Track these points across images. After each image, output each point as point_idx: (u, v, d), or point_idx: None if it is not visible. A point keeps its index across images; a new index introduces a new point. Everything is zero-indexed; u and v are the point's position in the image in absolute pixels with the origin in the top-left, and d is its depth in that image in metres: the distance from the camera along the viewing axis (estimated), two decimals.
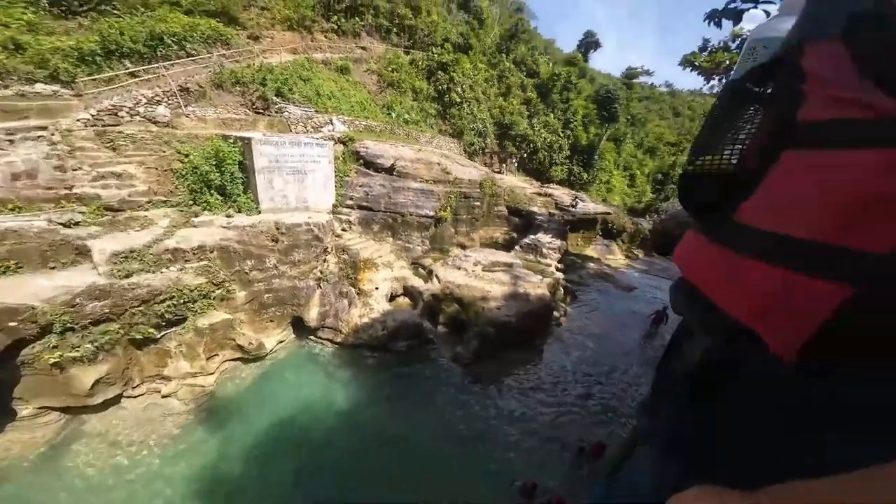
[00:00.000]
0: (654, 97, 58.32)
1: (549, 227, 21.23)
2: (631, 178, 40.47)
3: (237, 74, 14.56)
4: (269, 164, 11.53)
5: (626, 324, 16.30)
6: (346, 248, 12.92)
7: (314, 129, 15.35)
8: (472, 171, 19.63)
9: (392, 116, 20.70)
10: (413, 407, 10.30)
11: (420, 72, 24.00)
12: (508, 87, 29.28)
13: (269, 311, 11.08)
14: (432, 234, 17.17)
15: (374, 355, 11.81)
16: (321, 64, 19.28)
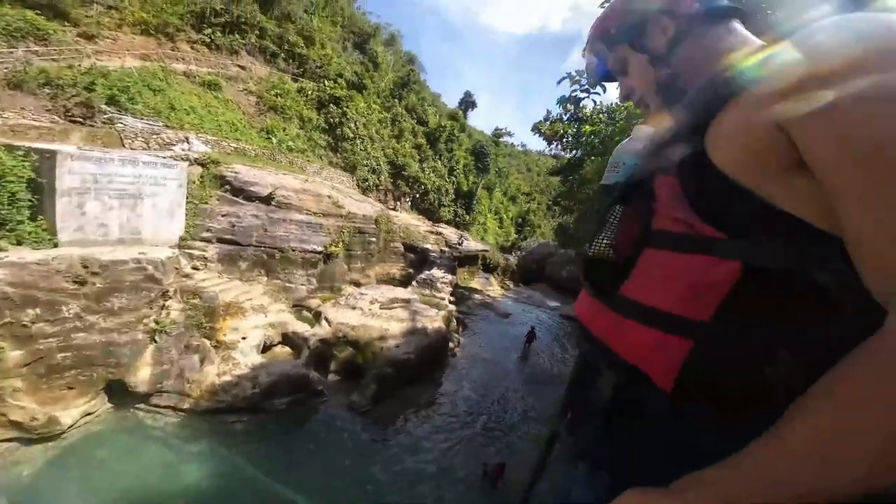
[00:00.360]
0: (513, 154, 70.83)
1: (441, 263, 22.16)
2: (500, 220, 46.80)
3: (49, 74, 11.23)
4: (83, 184, 8.70)
5: (506, 346, 17.72)
6: (199, 291, 10.40)
7: (161, 146, 12.58)
8: (366, 207, 19.27)
9: (273, 142, 18.90)
10: (302, 473, 8.48)
11: (310, 101, 23.00)
12: (401, 130, 30.62)
13: (65, 375, 7.85)
14: (321, 272, 15.64)
15: (241, 419, 9.48)
16: (182, 76, 16.54)
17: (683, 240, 0.55)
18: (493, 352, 16.70)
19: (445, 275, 21.10)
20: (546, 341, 19.36)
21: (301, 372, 10.84)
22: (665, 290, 0.56)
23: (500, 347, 17.38)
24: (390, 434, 10.28)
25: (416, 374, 12.37)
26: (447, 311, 16.92)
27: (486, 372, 14.68)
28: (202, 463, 8.23)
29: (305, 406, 10.45)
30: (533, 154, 78.06)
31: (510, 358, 16.48)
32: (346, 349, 12.27)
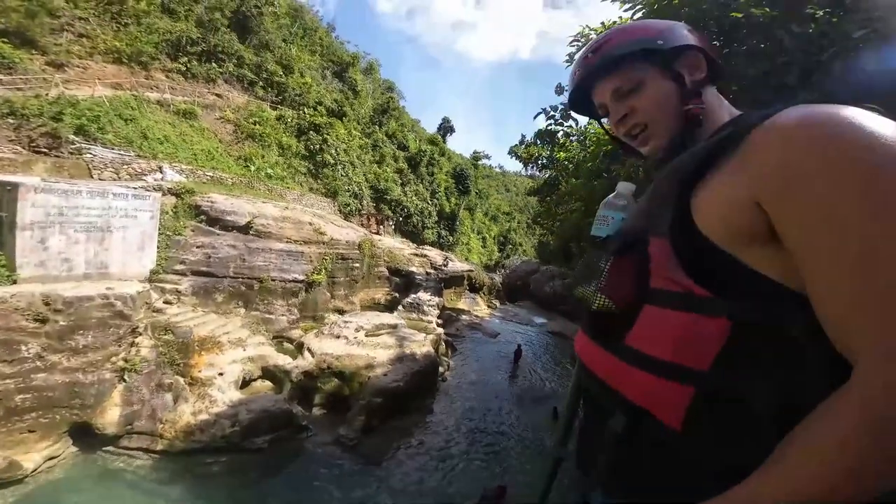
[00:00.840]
0: (492, 175, 73.18)
1: (427, 286, 21.88)
2: (483, 240, 47.63)
3: (13, 104, 10.80)
4: (46, 217, 8.20)
5: (496, 366, 17.55)
6: (171, 327, 9.78)
7: (132, 176, 12.14)
8: (349, 232, 19.03)
9: (251, 170, 18.64)
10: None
11: (289, 129, 23.02)
12: (382, 155, 31.07)
13: (24, 417, 7.09)
14: (303, 301, 15.13)
15: (220, 460, 8.78)
16: (156, 104, 16.27)
17: (677, 298, 0.61)
18: (483, 373, 16.42)
19: (432, 297, 20.90)
20: (534, 358, 19.30)
21: (283, 407, 10.21)
22: (665, 342, 0.62)
23: (491, 368, 17.16)
24: (382, 467, 9.72)
25: (407, 401, 11.89)
26: (435, 335, 16.64)
27: (477, 394, 14.37)
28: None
29: (289, 443, 9.78)
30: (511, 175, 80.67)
31: (501, 378, 16.28)
32: (332, 380, 11.66)
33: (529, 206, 56.33)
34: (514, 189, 72.98)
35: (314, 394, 11.48)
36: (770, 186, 0.51)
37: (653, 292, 0.65)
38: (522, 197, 64.68)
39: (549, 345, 22.43)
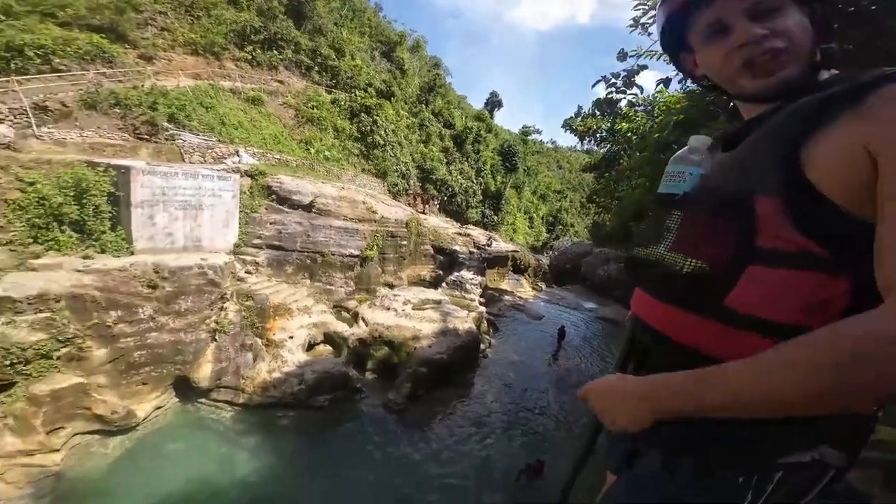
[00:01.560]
0: (543, 151, 68.96)
1: (470, 265, 22.09)
2: (530, 220, 45.85)
3: (118, 95, 12.38)
4: (153, 196, 9.55)
5: (538, 347, 17.50)
6: (252, 294, 11.09)
7: (215, 159, 13.52)
8: (397, 211, 19.66)
9: (311, 152, 19.75)
10: (341, 467, 8.83)
11: (342, 112, 23.81)
12: (428, 134, 31.00)
13: (140, 371, 8.63)
14: (357, 275, 16.16)
15: (289, 414, 10.01)
16: (229, 92, 17.67)
17: (794, 258, 0.58)
18: (524, 353, 16.49)
19: (475, 276, 21.07)
20: (579, 342, 18.91)
21: (341, 370, 11.29)
22: (786, 304, 0.59)
23: (532, 348, 17.16)
24: (425, 432, 10.41)
25: (449, 374, 12.46)
26: (477, 313, 16.91)
27: (517, 373, 14.56)
28: (254, 456, 8.75)
29: (346, 403, 10.85)
30: (564, 150, 75.71)
31: (542, 359, 16.27)
32: (382, 348, 12.56)
33: (584, 184, 52.88)
34: (568, 165, 68.57)
35: (367, 359, 12.49)
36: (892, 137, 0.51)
37: (760, 251, 0.61)
38: (576, 174, 60.77)
39: (597, 331, 21.70)
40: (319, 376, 10.59)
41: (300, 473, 8.50)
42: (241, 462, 8.57)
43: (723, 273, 0.65)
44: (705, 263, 0.66)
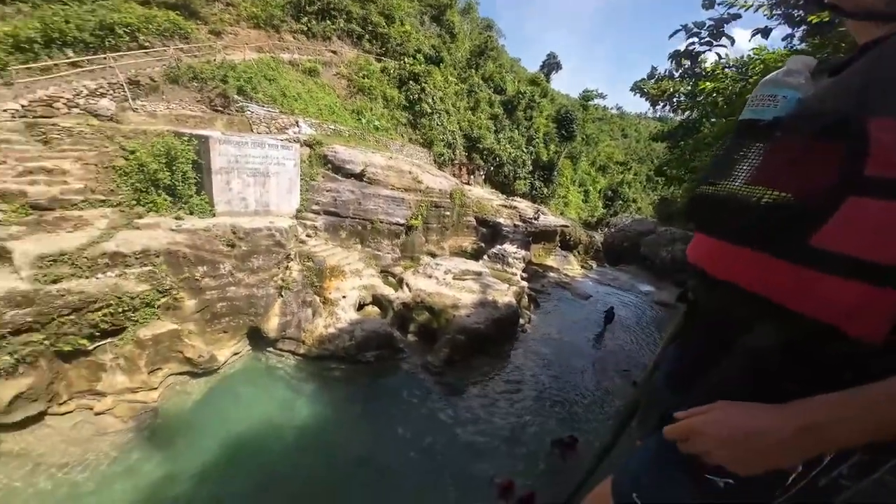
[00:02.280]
0: (606, 119, 62.78)
1: (514, 238, 21.77)
2: (585, 193, 42.97)
3: (195, 70, 13.59)
4: (228, 164, 10.73)
5: (582, 328, 17.12)
6: (311, 255, 12.25)
7: (278, 130, 14.60)
8: (442, 181, 19.77)
9: (362, 122, 20.30)
10: (383, 419, 9.85)
11: (392, 80, 23.85)
12: (477, 101, 29.98)
13: (222, 321, 10.15)
14: (403, 242, 16.92)
15: (340, 367, 11.20)
16: (288, 64, 18.55)
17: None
18: (566, 332, 16.26)
19: (518, 250, 20.76)
20: (629, 326, 18.02)
21: (387, 330, 12.28)
22: (887, 242, 0.52)
23: (575, 328, 16.85)
24: (459, 396, 11.01)
25: (486, 344, 12.84)
26: (518, 287, 16.90)
27: (556, 351, 14.53)
28: (311, 402, 9.99)
29: (389, 361, 11.86)
30: (631, 117, 68.63)
31: (585, 340, 15.98)
32: (424, 313, 13.29)
33: (653, 155, 48.17)
34: (635, 134, 62.09)
35: (409, 323, 13.35)
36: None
37: (868, 181, 0.54)
38: (645, 143, 55.03)
39: (652, 316, 20.27)
40: (367, 334, 11.66)
41: (349, 420, 9.60)
42: (299, 406, 9.83)
43: (814, 205, 0.57)
44: (791, 194, 0.59)
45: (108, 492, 7.01)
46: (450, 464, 8.70)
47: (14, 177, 8.43)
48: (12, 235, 7.67)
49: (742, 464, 0.61)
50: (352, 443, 8.92)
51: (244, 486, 7.50)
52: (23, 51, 10.45)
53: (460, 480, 8.30)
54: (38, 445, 7.42)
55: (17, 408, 7.12)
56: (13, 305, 6.85)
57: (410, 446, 9.09)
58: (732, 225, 0.68)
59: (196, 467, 7.74)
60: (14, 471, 6.97)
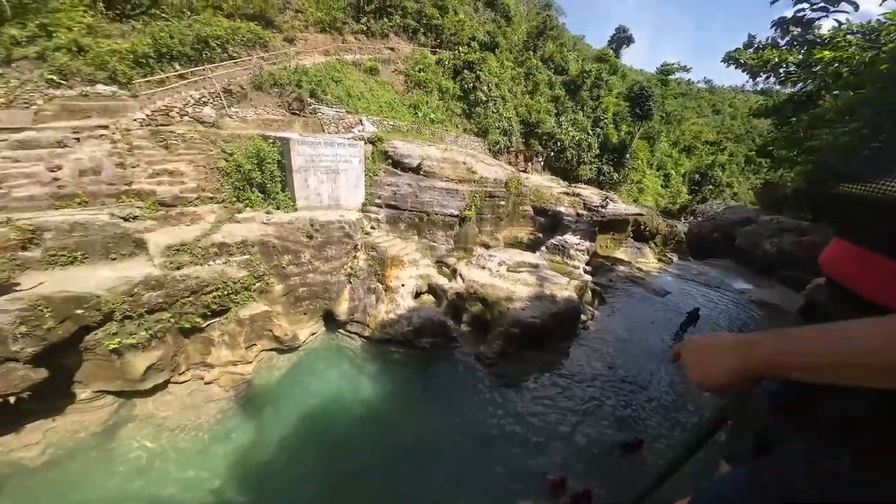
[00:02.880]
0: (691, 94, 56.60)
1: (576, 228, 21.08)
2: (665, 177, 39.38)
3: (275, 76, 15.52)
4: (306, 163, 12.27)
5: (655, 328, 16.09)
6: (375, 246, 13.50)
7: (345, 129, 16.09)
8: (497, 170, 19.87)
9: (418, 116, 21.28)
10: (436, 403, 10.63)
11: (446, 71, 24.49)
12: (536, 84, 29.28)
13: (303, 304, 11.78)
14: (456, 234, 17.58)
15: (399, 350, 12.28)
16: (352, 65, 20.13)
17: None
18: (635, 331, 15.50)
19: (581, 241, 20.04)
20: (717, 328, 16.42)
21: (441, 319, 13.11)
22: None
23: (647, 328, 15.95)
24: (511, 389, 11.27)
25: (543, 339, 12.84)
26: (581, 281, 16.56)
27: (622, 351, 13.98)
28: (373, 381, 11.20)
29: (443, 349, 12.68)
30: (724, 91, 61.50)
31: (659, 341, 15.01)
32: (477, 304, 13.79)
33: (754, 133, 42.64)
34: (730, 110, 55.24)
35: (463, 312, 13.99)
36: None
37: None
38: (743, 120, 49.07)
39: (749, 317, 18.48)
40: (423, 321, 12.58)
41: (406, 401, 10.57)
42: (363, 384, 11.08)
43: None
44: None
45: (209, 454, 8.47)
46: (500, 454, 9.10)
47: (146, 178, 10.73)
48: (147, 228, 9.83)
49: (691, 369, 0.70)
50: (408, 423, 9.81)
51: (316, 454, 8.74)
52: (141, 65, 12.68)
53: (510, 471, 8.66)
54: (161, 410, 9.17)
55: (149, 377, 8.87)
56: (149, 288, 8.73)
57: (462, 432, 9.67)
58: (878, 229, 0.59)
59: (278, 435, 9.13)
60: (144, 432, 8.70)
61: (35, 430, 8.17)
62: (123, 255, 9.42)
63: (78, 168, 9.94)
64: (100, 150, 10.29)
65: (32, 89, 11.23)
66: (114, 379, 8.68)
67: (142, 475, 7.95)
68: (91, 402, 8.73)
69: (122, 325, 8.41)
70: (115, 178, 10.26)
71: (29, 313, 7.34)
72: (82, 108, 11.15)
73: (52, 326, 7.60)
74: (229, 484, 7.99)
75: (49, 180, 9.60)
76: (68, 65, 11.56)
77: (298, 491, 7.94)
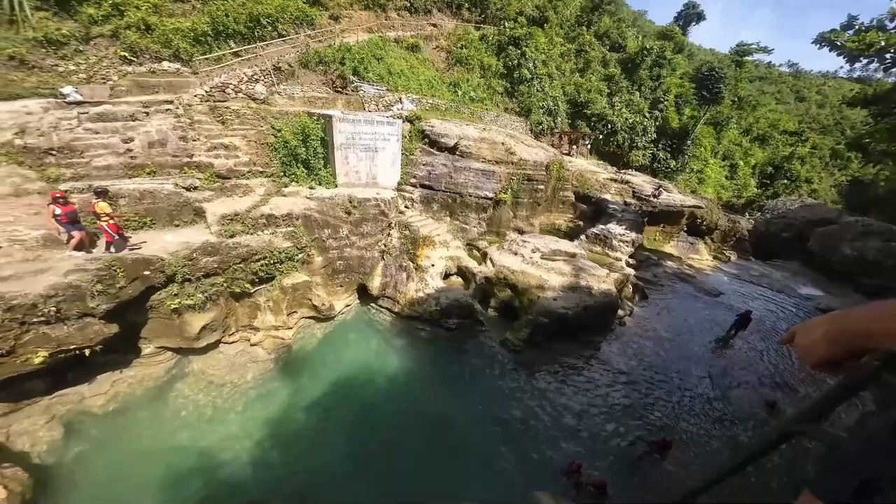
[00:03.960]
0: (770, 78, 52.28)
1: (622, 218, 20.61)
2: (731, 168, 37.03)
3: (320, 54, 16.63)
4: (346, 140, 13.30)
5: (701, 329, 15.66)
6: (408, 225, 14.41)
7: (385, 107, 16.97)
8: (538, 152, 19.81)
9: (458, 94, 21.72)
10: (459, 383, 11.41)
11: (490, 47, 24.54)
12: (587, 62, 28.50)
13: (339, 276, 13.01)
14: (490, 217, 17.96)
15: (425, 328, 13.19)
16: (393, 42, 20.89)
17: None
18: (678, 331, 15.17)
19: (626, 232, 19.66)
20: (772, 335, 15.70)
21: (468, 301, 13.78)
22: None
23: (694, 329, 15.51)
24: (535, 378, 11.67)
25: (573, 331, 13.02)
26: (621, 274, 16.46)
27: (663, 350, 13.79)
28: (400, 355, 12.20)
29: (468, 330, 13.41)
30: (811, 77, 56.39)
31: (701, 343, 14.67)
32: (505, 290, 14.21)
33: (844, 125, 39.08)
34: (817, 97, 50.97)
35: (491, 297, 14.56)
36: None
37: None
38: (833, 109, 45.04)
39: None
40: (451, 303, 13.32)
41: (430, 376, 11.45)
42: (391, 357, 12.10)
43: None
44: None
45: (249, 412, 9.71)
46: (518, 439, 9.69)
47: (205, 151, 12.23)
48: (206, 198, 11.30)
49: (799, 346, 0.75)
50: (431, 399, 10.67)
51: (344, 420, 9.79)
52: (200, 43, 14.12)
53: (527, 457, 9.24)
54: (211, 368, 10.48)
55: (203, 336, 10.12)
56: (206, 254, 10.02)
57: (482, 414, 10.34)
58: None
59: (311, 398, 10.30)
60: (196, 388, 10.05)
61: (104, 381, 9.41)
62: (185, 222, 10.98)
63: (147, 140, 11.55)
64: (165, 123, 11.87)
65: (108, 65, 13.08)
66: (173, 336, 9.93)
67: (190, 427, 9.19)
68: (153, 356, 10.03)
69: (182, 286, 9.65)
70: (179, 150, 11.82)
71: (105, 273, 8.46)
72: (151, 84, 12.84)
73: (123, 285, 8.71)
74: (266, 441, 9.14)
75: (123, 151, 11.24)
76: (138, 42, 13.22)
77: (327, 453, 8.98)
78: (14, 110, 10.55)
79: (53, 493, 7.50)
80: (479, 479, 8.79)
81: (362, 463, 8.91)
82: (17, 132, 10.14)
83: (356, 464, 8.90)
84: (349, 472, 8.74)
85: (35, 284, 7.68)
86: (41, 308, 7.53)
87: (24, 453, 7.90)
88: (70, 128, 10.74)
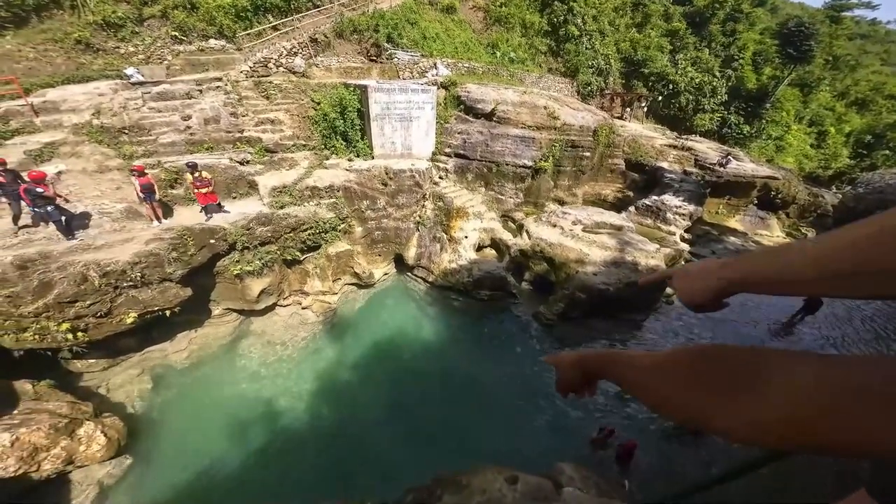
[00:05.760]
0: (875, 36, 47.72)
1: (680, 189, 20.26)
2: (819, 135, 34.62)
3: (354, 23, 17.92)
4: (382, 111, 14.72)
5: (760, 313, 15.48)
6: (442, 196, 15.76)
7: (419, 73, 18.11)
8: (585, 116, 19.66)
9: (496, 56, 22.16)
10: (490, 352, 12.83)
11: (532, 4, 24.43)
12: (646, 16, 27.61)
13: (378, 246, 14.80)
14: (528, 187, 18.47)
15: (458, 298, 14.66)
16: (428, 4, 21.68)
17: None
18: (734, 314, 14.87)
19: (683, 204, 19.31)
20: (844, 324, 15.00)
21: (501, 273, 14.95)
22: None
23: (752, 313, 15.19)
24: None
25: (614, 308, 13.44)
26: (674, 250, 16.49)
27: (715, 333, 13.91)
28: (433, 322, 13.84)
29: (500, 302, 14.66)
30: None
31: (759, 328, 14.57)
32: (541, 263, 14.94)
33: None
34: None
35: (525, 270, 15.52)
36: None
37: None
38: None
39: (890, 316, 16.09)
40: (483, 274, 14.56)
41: (462, 344, 13.00)
42: (426, 323, 13.81)
43: None
44: None
45: (301, 368, 11.81)
46: (545, 410, 10.93)
47: (253, 126, 14.20)
48: (257, 172, 13.29)
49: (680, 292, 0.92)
50: (462, 365, 12.23)
51: (383, 379, 11.72)
52: (241, 18, 15.78)
53: (553, 427, 10.48)
54: (269, 328, 12.73)
55: (261, 299, 12.21)
56: (260, 224, 11.86)
57: (511, 382, 11.70)
58: None
59: (354, 358, 12.29)
60: (256, 346, 12.34)
61: (183, 339, 11.66)
62: (241, 194, 13.03)
63: (203, 117, 13.62)
64: (217, 100, 13.89)
65: (162, 45, 15.31)
66: (237, 299, 12.04)
67: (253, 380, 11.41)
68: (221, 317, 12.32)
69: (242, 254, 11.61)
70: (231, 126, 13.85)
71: (178, 241, 10.20)
72: (201, 62, 14.92)
73: (193, 253, 10.48)
74: (314, 394, 11.24)
75: (183, 128, 13.34)
76: (185, 21, 15.23)
77: (367, 408, 10.87)
78: (87, 92, 12.88)
79: (143, 440, 9.62)
80: (503, 433, 10.28)
81: (399, 411, 10.78)
82: (93, 113, 12.40)
83: (393, 412, 10.78)
84: (389, 418, 10.66)
85: (123, 252, 9.62)
86: (129, 274, 9.46)
87: (121, 404, 10.24)
88: (137, 107, 12.92)
